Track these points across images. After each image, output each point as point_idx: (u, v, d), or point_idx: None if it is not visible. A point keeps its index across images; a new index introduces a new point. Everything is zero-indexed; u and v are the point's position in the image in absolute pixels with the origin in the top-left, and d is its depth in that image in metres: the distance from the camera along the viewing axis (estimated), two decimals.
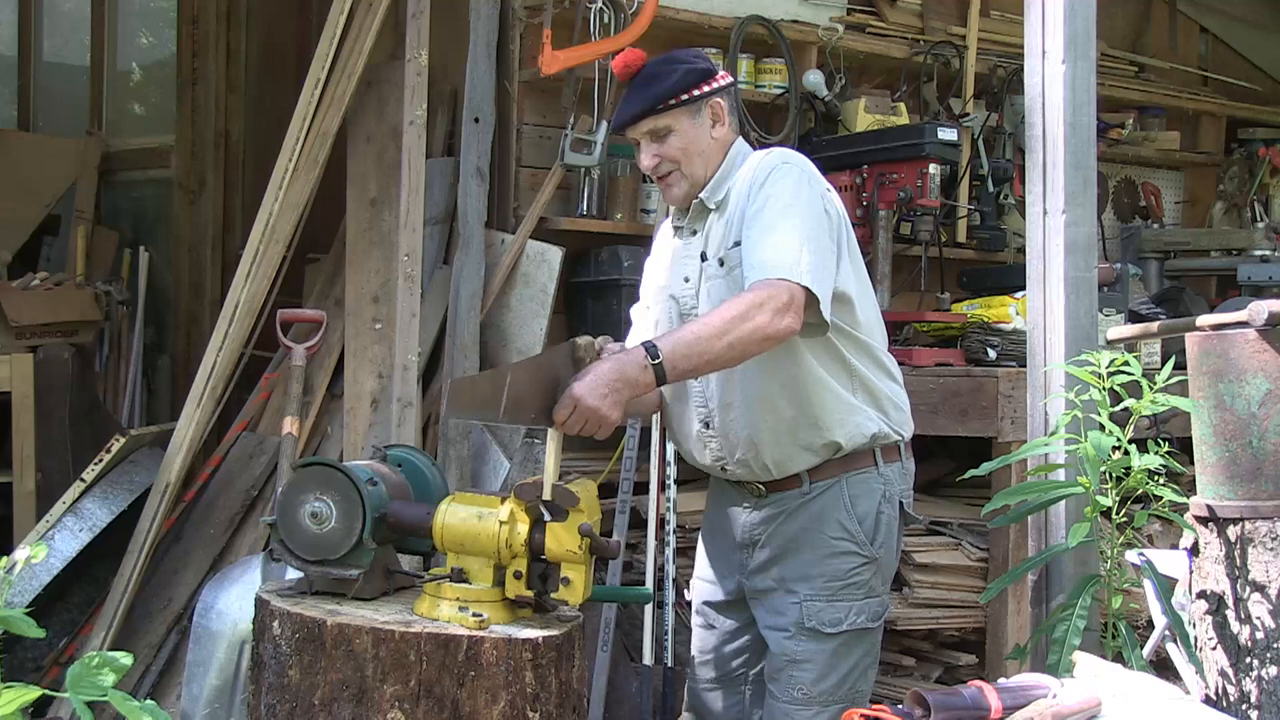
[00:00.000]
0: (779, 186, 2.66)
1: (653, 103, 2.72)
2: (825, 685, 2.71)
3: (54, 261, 5.93)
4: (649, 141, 2.76)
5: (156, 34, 7.16)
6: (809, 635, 2.71)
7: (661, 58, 2.80)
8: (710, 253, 2.76)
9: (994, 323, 4.28)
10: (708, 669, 2.92)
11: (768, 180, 2.67)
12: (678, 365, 2.47)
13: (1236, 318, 2.73)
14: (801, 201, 2.65)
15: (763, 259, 2.56)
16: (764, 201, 2.65)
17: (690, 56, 2.81)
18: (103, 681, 1.91)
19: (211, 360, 4.04)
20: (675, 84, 2.72)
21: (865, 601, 2.73)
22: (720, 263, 2.72)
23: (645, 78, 2.74)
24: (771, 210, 2.63)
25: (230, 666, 3.50)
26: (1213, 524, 2.72)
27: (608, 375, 2.44)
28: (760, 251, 2.58)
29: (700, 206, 2.79)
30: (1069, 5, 3.15)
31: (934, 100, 5.11)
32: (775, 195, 2.65)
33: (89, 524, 3.96)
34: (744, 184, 2.73)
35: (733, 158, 2.79)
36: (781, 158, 2.73)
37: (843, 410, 2.70)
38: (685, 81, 2.73)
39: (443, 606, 2.37)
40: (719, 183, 2.78)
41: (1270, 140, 6.20)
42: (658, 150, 2.76)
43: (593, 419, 2.43)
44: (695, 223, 2.81)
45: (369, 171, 4.28)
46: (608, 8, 4.24)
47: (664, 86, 2.72)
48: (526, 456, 3.92)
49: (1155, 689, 2.18)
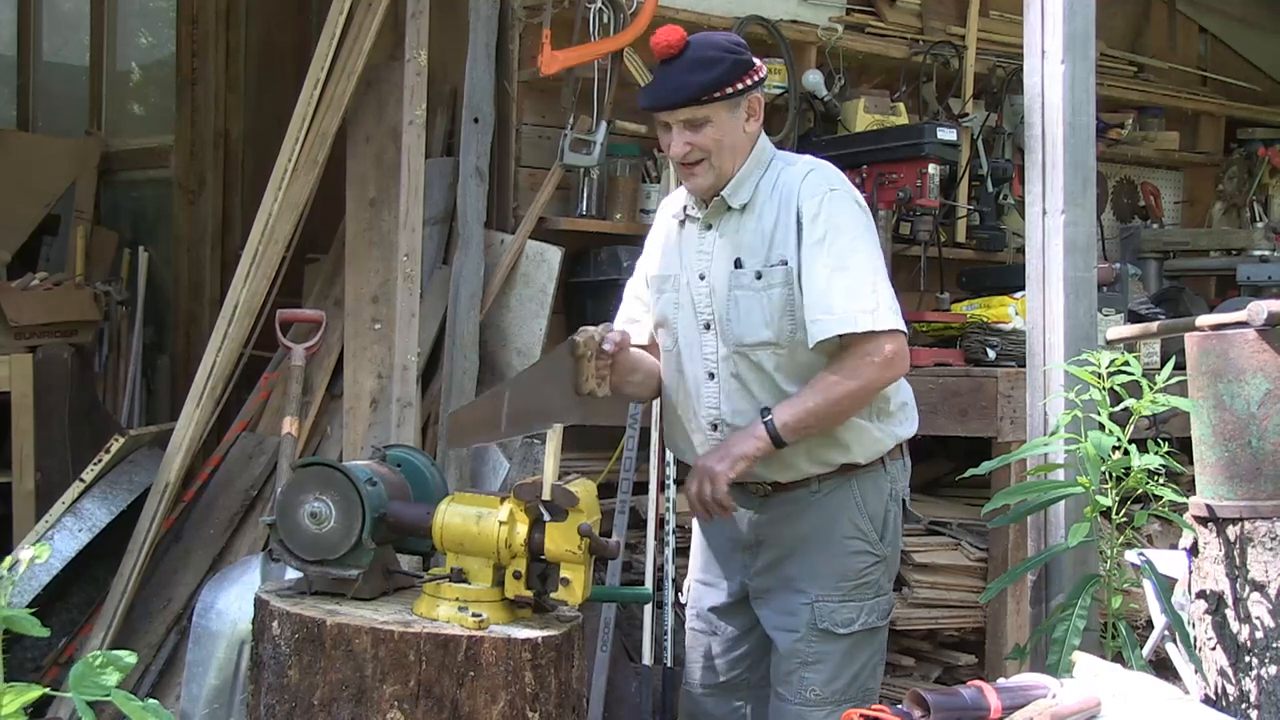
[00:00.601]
0: (839, 217, 2.64)
1: (698, 92, 2.63)
2: (837, 685, 2.71)
3: (53, 261, 5.93)
4: (683, 129, 2.67)
5: (156, 34, 7.16)
6: (821, 636, 2.71)
7: (706, 40, 2.69)
8: (746, 261, 2.69)
9: (993, 323, 4.28)
10: (707, 675, 2.90)
11: (822, 208, 2.64)
12: (795, 432, 2.62)
13: (1236, 318, 2.73)
14: (861, 230, 2.66)
15: (844, 308, 2.59)
16: (824, 232, 2.62)
17: (734, 45, 2.70)
18: (106, 681, 1.91)
19: (211, 360, 4.04)
20: (722, 76, 2.63)
21: (875, 600, 2.75)
22: (757, 275, 2.67)
23: (691, 63, 2.63)
24: (837, 245, 2.61)
25: (230, 666, 3.50)
26: (1212, 524, 2.72)
27: (729, 447, 2.63)
28: (834, 296, 2.59)
29: (721, 204, 2.74)
30: (1068, 5, 3.15)
31: (933, 100, 5.11)
32: (837, 227, 2.63)
33: (88, 524, 3.95)
34: (780, 197, 2.68)
35: (758, 154, 2.74)
36: (826, 181, 2.69)
37: (862, 429, 2.71)
38: (732, 75, 2.64)
39: (442, 606, 2.37)
40: (743, 180, 2.72)
41: (1269, 140, 6.21)
42: (691, 138, 2.67)
43: (708, 476, 2.61)
44: (712, 218, 2.76)
45: (368, 171, 4.28)
46: (607, 8, 4.24)
47: (711, 77, 2.62)
48: (526, 457, 3.92)
49: (1155, 689, 2.18)
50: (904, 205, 4.36)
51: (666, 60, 2.66)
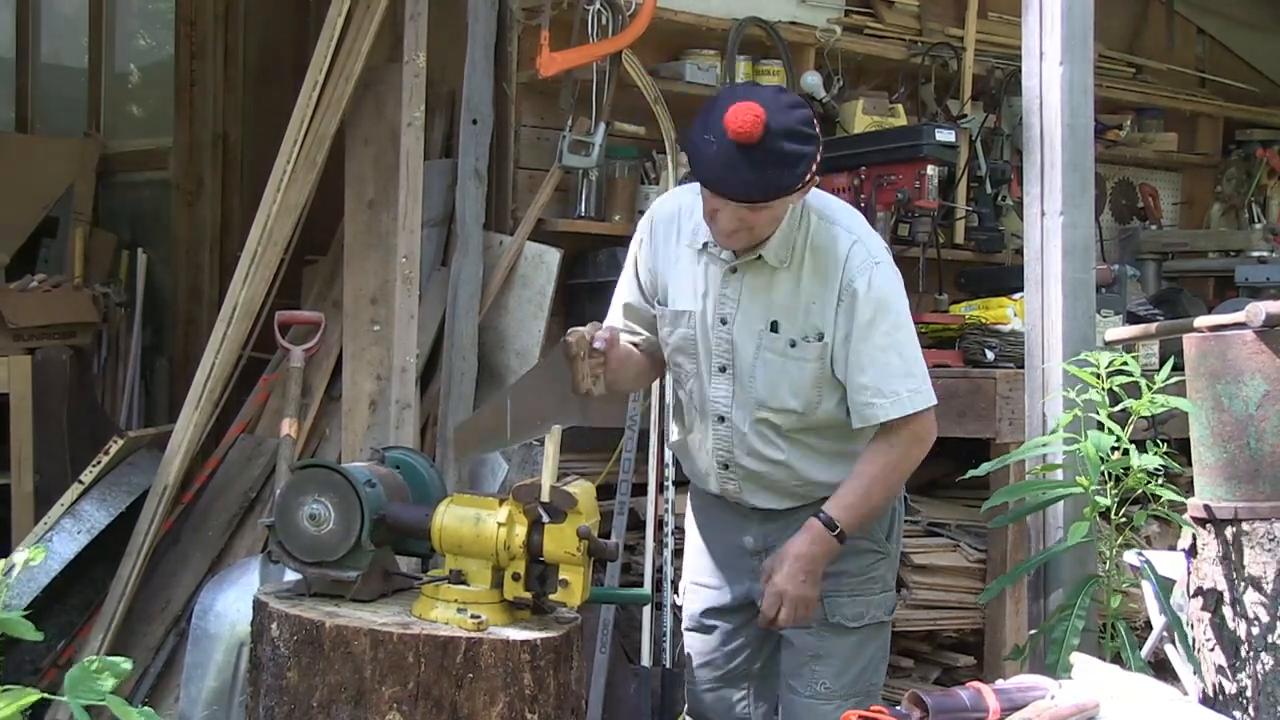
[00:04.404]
0: (886, 294, 2.62)
1: (775, 193, 2.49)
2: (846, 679, 2.76)
3: (52, 263, 5.92)
4: (739, 207, 2.51)
5: (154, 36, 7.15)
6: (832, 630, 2.76)
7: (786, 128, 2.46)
8: (783, 328, 2.64)
9: (992, 324, 4.28)
10: (709, 670, 2.92)
11: (872, 286, 2.60)
12: (854, 524, 2.65)
13: (1234, 319, 2.73)
14: (903, 305, 2.67)
15: (896, 391, 2.61)
16: (874, 313, 2.60)
17: (814, 128, 2.52)
18: (101, 686, 1.90)
19: (210, 362, 4.04)
20: (804, 172, 2.49)
21: (882, 596, 2.81)
22: (791, 344, 2.64)
23: (773, 156, 2.45)
24: (886, 324, 2.61)
25: (229, 668, 3.50)
26: (1210, 524, 2.72)
27: (800, 563, 2.61)
28: (889, 380, 2.61)
29: (755, 259, 2.64)
30: (1066, 6, 3.15)
31: (932, 102, 5.11)
32: (885, 306, 2.61)
33: (87, 526, 3.95)
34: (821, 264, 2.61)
35: (793, 211, 2.62)
36: (871, 255, 2.62)
37: None
38: (805, 171, 2.49)
39: (441, 608, 2.37)
40: (782, 238, 2.62)
41: (1268, 141, 6.21)
42: (747, 218, 2.52)
43: (802, 605, 2.63)
44: (743, 266, 2.65)
45: (367, 173, 4.28)
46: (605, 9, 4.24)
47: (790, 177, 2.47)
48: (524, 458, 3.92)
49: (1153, 690, 2.18)
50: (902, 207, 4.36)
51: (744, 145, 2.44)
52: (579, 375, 2.56)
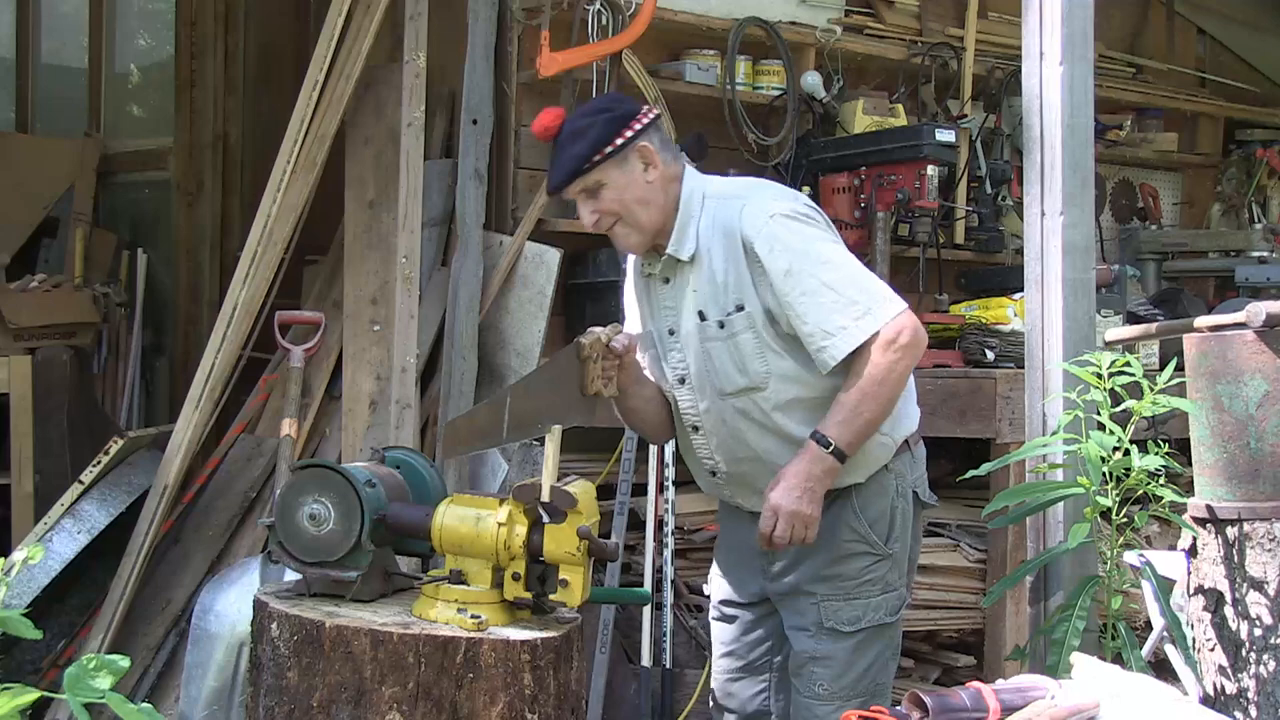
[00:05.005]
0: (791, 239, 2.63)
1: (578, 163, 2.65)
2: (845, 681, 2.75)
3: (52, 263, 5.92)
4: (584, 200, 2.69)
5: (155, 36, 7.15)
6: (829, 634, 2.75)
7: (578, 111, 2.73)
8: (708, 313, 2.70)
9: (992, 324, 4.28)
10: (731, 660, 2.94)
11: (774, 240, 2.62)
12: (851, 440, 2.61)
13: (1234, 319, 2.73)
14: (817, 241, 2.66)
15: (840, 324, 2.59)
16: (787, 263, 2.61)
17: (608, 103, 2.76)
18: (100, 684, 1.90)
19: (210, 362, 4.04)
20: (596, 139, 2.65)
21: (883, 597, 2.77)
22: (720, 325, 2.68)
23: (567, 136, 2.66)
24: (804, 268, 2.61)
25: (229, 668, 3.50)
26: (1211, 525, 2.73)
27: (797, 479, 2.60)
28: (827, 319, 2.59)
29: (671, 260, 2.73)
30: (1066, 7, 3.15)
31: (932, 102, 5.11)
32: (794, 250, 2.62)
33: (87, 526, 3.95)
34: (724, 239, 2.67)
35: (688, 199, 2.72)
36: (763, 209, 2.66)
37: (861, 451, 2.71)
38: (606, 133, 2.65)
39: (441, 608, 2.37)
40: (682, 230, 2.71)
41: (1268, 141, 6.21)
42: (595, 206, 2.69)
43: (799, 521, 2.60)
44: (668, 271, 2.76)
45: (367, 173, 4.28)
46: (606, 9, 4.24)
47: (585, 144, 2.65)
48: (524, 458, 3.92)
49: (1154, 690, 2.18)
50: (902, 207, 4.37)
51: (552, 142, 2.69)
52: (589, 377, 2.57)
